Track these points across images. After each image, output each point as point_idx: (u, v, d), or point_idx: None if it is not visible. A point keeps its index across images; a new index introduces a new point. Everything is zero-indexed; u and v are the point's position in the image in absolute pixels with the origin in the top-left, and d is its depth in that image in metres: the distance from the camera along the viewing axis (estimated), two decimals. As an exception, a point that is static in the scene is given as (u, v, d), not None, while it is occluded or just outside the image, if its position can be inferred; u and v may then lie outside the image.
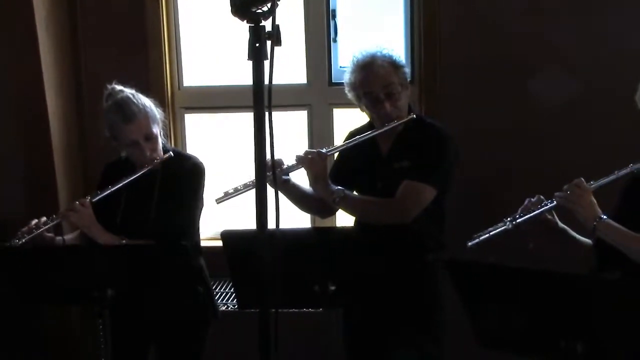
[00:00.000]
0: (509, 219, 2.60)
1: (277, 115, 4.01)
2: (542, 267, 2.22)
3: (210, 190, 3.28)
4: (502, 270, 2.33)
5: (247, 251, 2.48)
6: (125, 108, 2.99)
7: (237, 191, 3.05)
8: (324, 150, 3.03)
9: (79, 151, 4.02)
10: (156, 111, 3.08)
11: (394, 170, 3.01)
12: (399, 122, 3.03)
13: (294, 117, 4.11)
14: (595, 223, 2.48)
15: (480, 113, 3.78)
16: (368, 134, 3.09)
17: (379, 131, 3.05)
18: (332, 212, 3.31)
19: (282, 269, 2.67)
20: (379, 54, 3.04)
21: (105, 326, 2.80)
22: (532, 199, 2.62)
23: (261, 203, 1.73)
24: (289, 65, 4.06)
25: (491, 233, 2.60)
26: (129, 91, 3.06)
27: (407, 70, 3.13)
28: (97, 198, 3.02)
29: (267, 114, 1.71)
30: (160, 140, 3.09)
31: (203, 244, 3.57)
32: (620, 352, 2.19)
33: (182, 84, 4.07)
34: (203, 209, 3.19)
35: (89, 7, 3.98)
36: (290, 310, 3.37)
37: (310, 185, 3.03)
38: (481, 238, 2.61)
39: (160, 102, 3.90)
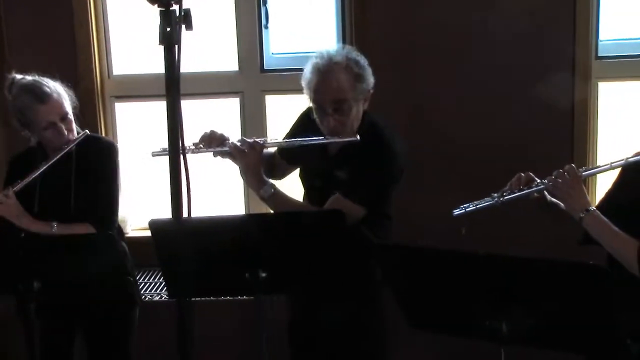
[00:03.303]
0: (496, 194, 2.58)
1: (208, 102, 4.05)
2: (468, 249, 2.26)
3: (143, 178, 3.27)
4: (427, 252, 2.36)
5: (175, 240, 2.47)
6: (36, 90, 2.97)
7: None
8: (260, 141, 2.89)
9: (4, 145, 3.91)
10: (66, 92, 3.06)
11: (334, 176, 2.93)
12: (341, 139, 2.87)
13: (226, 104, 4.08)
14: (582, 215, 2.42)
15: (411, 101, 3.81)
16: (310, 140, 2.94)
17: (320, 142, 2.92)
18: (283, 175, 3.23)
19: (212, 257, 2.69)
20: (341, 61, 2.83)
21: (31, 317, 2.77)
22: (522, 175, 2.58)
23: (176, 190, 1.71)
24: (220, 52, 4.03)
25: (477, 206, 2.59)
26: (31, 77, 3.03)
27: (370, 80, 2.89)
28: (19, 186, 2.97)
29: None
30: (74, 121, 3.07)
31: (133, 234, 3.56)
32: (541, 329, 2.23)
33: (112, 73, 4.01)
34: (121, 190, 3.19)
35: (13, -3, 3.89)
36: (223, 298, 3.42)
37: (241, 174, 2.94)
38: (467, 209, 2.61)
39: (90, 91, 3.90)
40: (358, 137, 2.87)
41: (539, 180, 2.54)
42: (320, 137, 2.92)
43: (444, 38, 3.76)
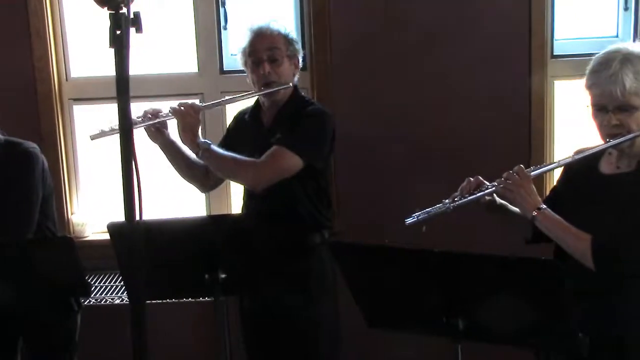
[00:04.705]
0: (448, 200, 2.56)
1: (169, 103, 4.03)
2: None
3: (103, 180, 3.26)
4: (383, 250, 2.38)
5: (134, 242, 2.46)
6: None
7: (113, 130, 2.97)
8: (200, 104, 3.07)
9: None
10: None
11: (271, 143, 3.03)
12: (276, 88, 3.05)
13: (185, 105, 4.05)
14: (535, 213, 2.42)
15: (374, 98, 3.83)
16: (245, 94, 3.16)
17: (256, 94, 3.11)
18: (211, 186, 3.31)
19: (172, 258, 2.70)
20: (273, 22, 3.10)
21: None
22: (471, 179, 2.57)
23: (129, 195, 1.71)
24: (180, 54, 4.03)
25: (430, 213, 2.56)
26: None
27: (299, 48, 3.15)
28: None
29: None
30: None
31: (94, 237, 3.55)
32: (497, 325, 2.26)
33: (70, 75, 3.97)
34: (52, 195, 3.18)
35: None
36: (182, 300, 3.41)
37: (179, 135, 3.01)
38: (419, 217, 2.58)
39: (47, 94, 3.86)
40: (291, 84, 3.09)
41: (488, 184, 2.54)
42: (252, 92, 3.13)
43: (402, 38, 3.77)
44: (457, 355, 2.33)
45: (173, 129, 3.07)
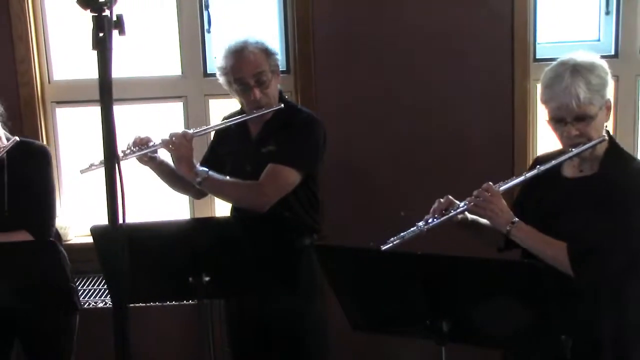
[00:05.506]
0: (421, 223, 2.56)
1: (152, 107, 4.03)
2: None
3: (86, 185, 3.25)
4: (366, 253, 2.38)
5: (117, 246, 2.46)
6: None
7: (101, 163, 2.98)
8: (190, 131, 3.04)
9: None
10: None
11: (262, 154, 3.05)
12: (268, 110, 3.06)
13: (169, 108, 4.07)
14: (509, 228, 2.44)
15: (358, 101, 3.84)
16: (236, 118, 3.14)
17: (247, 117, 3.10)
18: (205, 193, 3.29)
19: (156, 262, 2.70)
20: (251, 40, 3.06)
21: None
22: (441, 200, 2.58)
23: (112, 196, 1.70)
24: (163, 57, 4.02)
25: (404, 238, 2.55)
26: None
27: (279, 57, 3.16)
28: None
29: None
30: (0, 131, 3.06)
31: (76, 240, 3.53)
32: (482, 327, 2.27)
33: (52, 78, 3.96)
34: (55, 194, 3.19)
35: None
36: (167, 303, 3.41)
37: (175, 165, 3.03)
38: (395, 243, 2.56)
39: (30, 96, 3.84)
40: (282, 104, 3.08)
41: (458, 203, 2.56)
42: (244, 115, 3.12)
43: (386, 42, 3.79)
44: (441, 356, 2.34)
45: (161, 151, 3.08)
